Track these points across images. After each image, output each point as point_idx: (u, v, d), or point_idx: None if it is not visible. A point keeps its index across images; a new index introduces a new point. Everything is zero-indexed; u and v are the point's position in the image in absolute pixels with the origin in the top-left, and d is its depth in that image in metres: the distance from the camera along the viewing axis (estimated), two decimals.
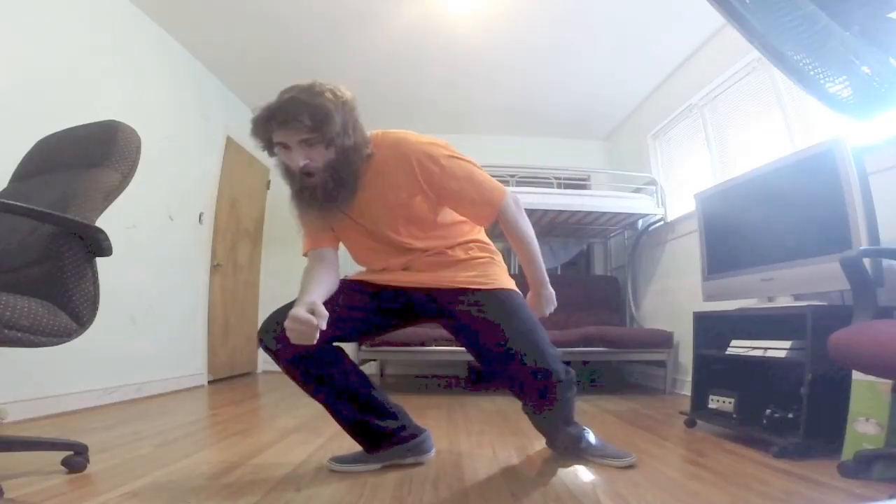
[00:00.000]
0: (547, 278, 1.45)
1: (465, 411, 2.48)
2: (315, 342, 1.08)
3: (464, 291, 1.32)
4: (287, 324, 1.08)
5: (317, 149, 1.15)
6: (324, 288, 1.25)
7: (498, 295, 1.33)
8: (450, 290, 1.33)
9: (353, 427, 1.40)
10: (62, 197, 1.22)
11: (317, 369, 1.30)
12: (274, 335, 1.23)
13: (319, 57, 3.37)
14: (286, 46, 3.31)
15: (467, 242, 1.41)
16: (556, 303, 1.47)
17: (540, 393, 1.35)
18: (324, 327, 1.08)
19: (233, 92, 3.93)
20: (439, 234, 1.37)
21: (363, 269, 1.46)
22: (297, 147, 1.15)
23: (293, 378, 1.32)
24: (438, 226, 1.36)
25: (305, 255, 1.38)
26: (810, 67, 0.89)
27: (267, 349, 1.27)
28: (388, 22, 3.03)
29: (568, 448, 1.51)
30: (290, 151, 1.16)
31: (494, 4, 2.87)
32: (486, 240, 1.48)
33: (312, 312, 1.08)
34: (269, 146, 1.19)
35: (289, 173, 1.22)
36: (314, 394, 1.35)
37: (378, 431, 1.40)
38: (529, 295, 1.46)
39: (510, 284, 1.39)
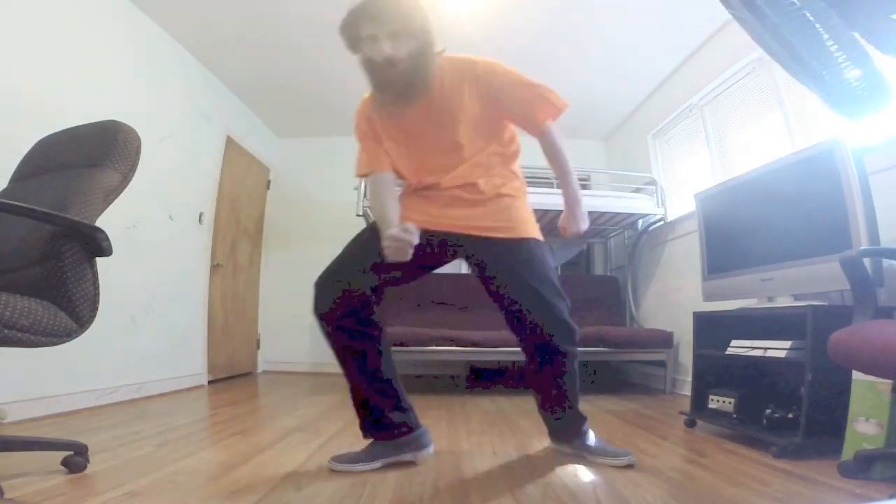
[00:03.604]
0: (580, 196, 1.52)
1: (465, 411, 2.48)
2: (410, 257, 1.23)
3: (490, 240, 1.41)
4: (386, 243, 1.24)
5: (402, 40, 1.26)
6: (396, 212, 1.37)
7: (521, 246, 1.42)
8: (477, 238, 1.42)
9: (367, 407, 1.43)
10: (62, 197, 1.22)
11: (358, 340, 1.38)
12: (331, 301, 1.35)
13: (319, 58, 3.37)
14: (287, 47, 3.30)
15: (500, 174, 1.47)
16: (587, 221, 1.54)
17: (543, 359, 1.46)
18: (416, 242, 1.23)
19: (233, 92, 3.93)
20: (492, 139, 1.45)
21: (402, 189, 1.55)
22: (385, 38, 1.24)
23: (334, 344, 1.38)
24: (491, 131, 1.44)
25: (361, 176, 1.51)
26: (816, 63, 0.89)
27: (320, 316, 1.36)
28: None
29: (569, 436, 1.54)
30: (377, 42, 1.25)
31: (494, 4, 2.87)
32: (518, 171, 1.55)
33: (405, 230, 1.23)
34: (356, 42, 1.30)
35: (372, 67, 1.29)
36: (346, 363, 1.40)
37: (388, 421, 1.42)
38: (563, 215, 1.54)
39: (532, 229, 1.46)
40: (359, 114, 1.47)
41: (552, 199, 3.58)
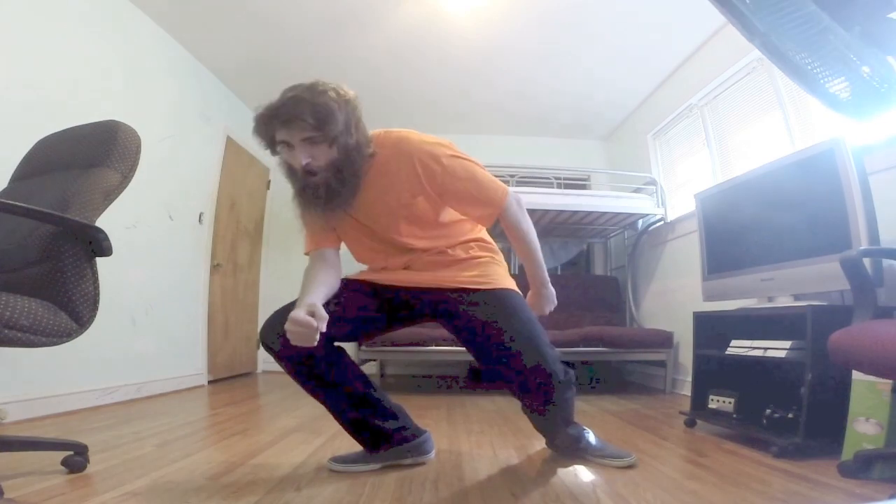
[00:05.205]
0: (547, 277, 1.46)
1: (465, 411, 2.48)
2: (315, 343, 1.08)
3: (464, 291, 1.32)
4: (287, 326, 1.08)
5: (320, 147, 1.15)
6: (324, 289, 1.25)
7: (498, 294, 1.32)
8: (450, 290, 1.33)
9: (353, 426, 1.40)
10: (62, 197, 1.22)
11: (317, 368, 1.29)
12: (276, 334, 1.21)
13: (319, 58, 3.37)
14: (286, 47, 3.30)
15: (468, 241, 1.42)
16: (555, 302, 1.49)
17: (539, 393, 1.33)
18: (323, 329, 1.08)
19: (233, 92, 3.93)
20: (440, 234, 1.37)
21: (364, 268, 1.47)
22: (300, 145, 1.14)
23: (294, 377, 1.32)
24: (440, 225, 1.36)
25: (307, 254, 1.37)
26: (811, 67, 0.89)
27: (268, 349, 1.27)
28: (387, 23, 3.03)
29: (568, 448, 1.50)
30: (293, 150, 1.15)
31: (494, 5, 2.87)
32: (488, 238, 1.49)
33: (312, 314, 1.09)
34: (272, 145, 1.19)
35: (291, 172, 1.22)
36: (314, 393, 1.35)
37: (378, 431, 1.40)
38: (530, 294, 1.47)
39: (510, 284, 1.38)
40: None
41: (552, 199, 3.60)
